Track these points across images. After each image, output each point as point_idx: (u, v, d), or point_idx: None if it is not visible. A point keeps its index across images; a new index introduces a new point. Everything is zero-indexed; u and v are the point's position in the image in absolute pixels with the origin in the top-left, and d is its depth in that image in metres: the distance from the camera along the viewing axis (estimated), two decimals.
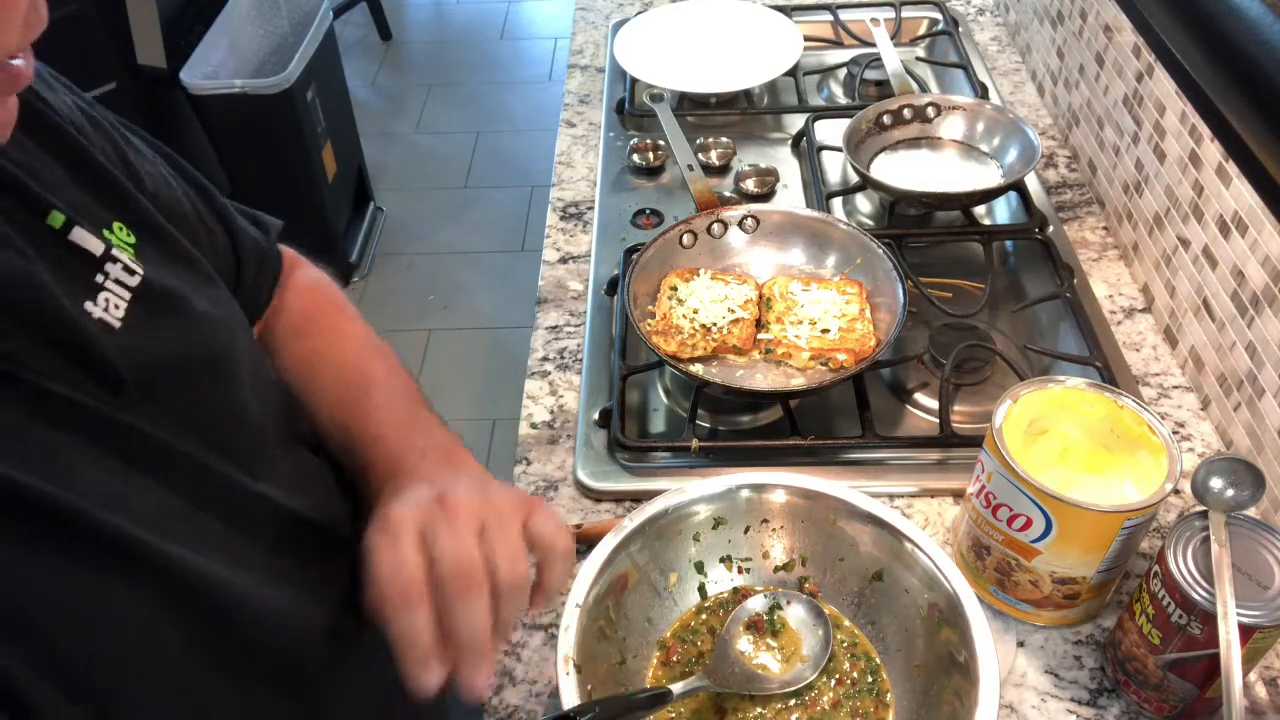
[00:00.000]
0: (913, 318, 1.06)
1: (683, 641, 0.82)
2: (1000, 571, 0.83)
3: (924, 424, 1.04)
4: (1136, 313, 1.14)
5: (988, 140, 1.28)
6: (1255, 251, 0.92)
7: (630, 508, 0.86)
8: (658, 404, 1.08)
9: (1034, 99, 1.48)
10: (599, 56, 1.61)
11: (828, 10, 1.60)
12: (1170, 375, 1.07)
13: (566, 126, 1.46)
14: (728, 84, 1.43)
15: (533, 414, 1.06)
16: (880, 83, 1.45)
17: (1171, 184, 1.08)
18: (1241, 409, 0.96)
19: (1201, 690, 0.74)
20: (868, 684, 0.79)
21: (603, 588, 0.77)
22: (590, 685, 0.72)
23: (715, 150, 1.37)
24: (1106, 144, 1.24)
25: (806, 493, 0.83)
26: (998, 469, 0.78)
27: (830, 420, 1.04)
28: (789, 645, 0.81)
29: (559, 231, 1.28)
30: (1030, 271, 1.19)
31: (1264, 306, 0.91)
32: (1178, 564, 0.71)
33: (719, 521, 0.84)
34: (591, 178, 1.36)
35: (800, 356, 1.01)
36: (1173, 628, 0.72)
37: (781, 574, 0.85)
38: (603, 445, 1.00)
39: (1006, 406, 0.81)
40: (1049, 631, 0.85)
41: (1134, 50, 1.16)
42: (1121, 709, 0.80)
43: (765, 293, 1.08)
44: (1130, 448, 0.79)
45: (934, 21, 1.61)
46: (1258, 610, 0.68)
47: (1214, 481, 0.75)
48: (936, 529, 0.93)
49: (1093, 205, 1.28)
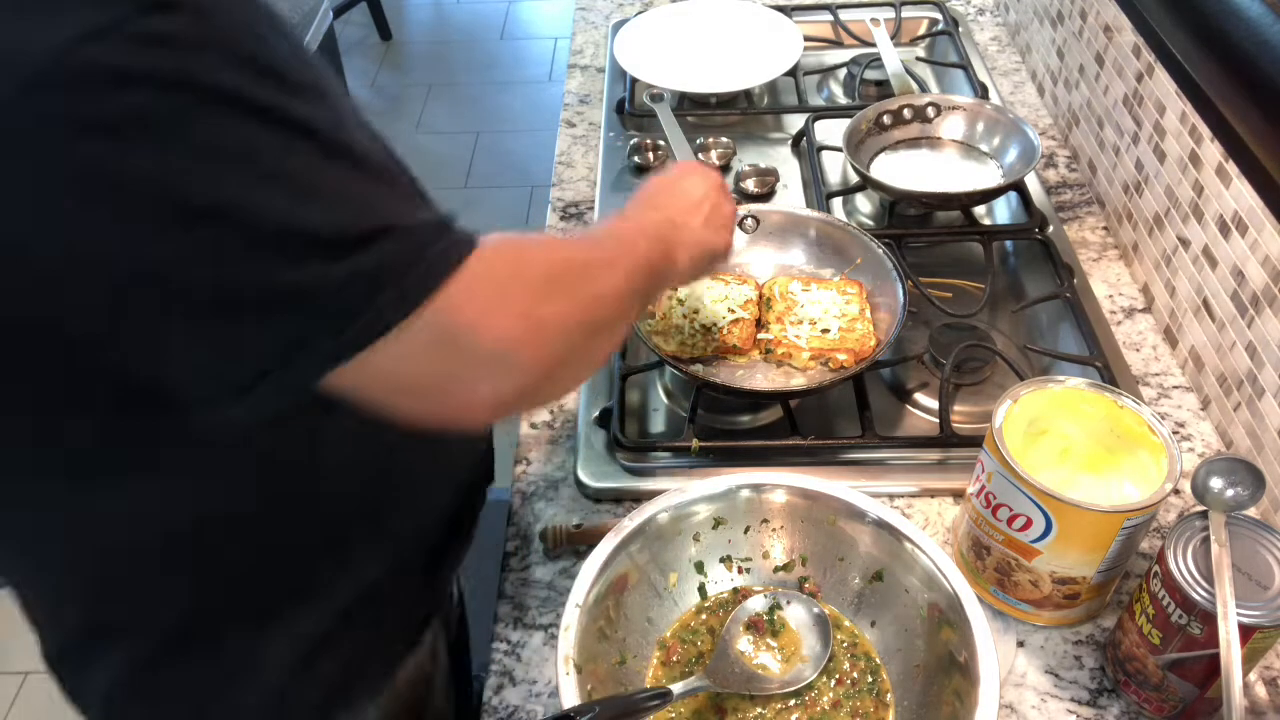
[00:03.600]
0: (913, 318, 1.06)
1: (683, 641, 0.82)
2: (1000, 571, 0.83)
3: (924, 424, 1.04)
4: (1136, 313, 1.14)
5: (988, 140, 1.28)
6: (1255, 251, 0.92)
7: (630, 508, 0.86)
8: (658, 404, 1.08)
9: (1034, 99, 1.48)
10: (599, 56, 1.61)
11: (828, 10, 1.60)
12: (1170, 375, 1.07)
13: (566, 126, 1.46)
14: (728, 84, 1.43)
15: (533, 414, 1.06)
16: (880, 83, 1.45)
17: (1171, 184, 1.08)
18: (1241, 409, 0.96)
19: (1201, 690, 0.74)
20: (868, 684, 0.79)
21: (603, 588, 0.77)
22: (590, 685, 0.72)
23: (715, 150, 1.37)
24: (1106, 144, 1.24)
25: (806, 493, 0.83)
26: (998, 469, 0.78)
27: (830, 420, 1.04)
28: (789, 645, 0.81)
29: (559, 231, 1.28)
30: (1030, 271, 1.19)
31: (1264, 306, 0.91)
32: (1178, 564, 0.71)
33: (719, 521, 0.84)
34: (591, 178, 1.36)
35: (800, 356, 1.01)
36: (1173, 628, 0.72)
37: (781, 574, 0.85)
38: (603, 445, 1.00)
39: (1006, 406, 0.81)
40: (1049, 631, 0.85)
41: (1134, 50, 1.16)
42: (1121, 709, 0.80)
43: (765, 293, 1.08)
44: (1130, 448, 0.79)
45: (934, 21, 1.61)
46: (1258, 610, 0.68)
47: (1214, 481, 0.75)
48: (936, 529, 0.93)
49: (1093, 205, 1.28)
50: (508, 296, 0.57)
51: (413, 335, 0.53)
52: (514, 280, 0.58)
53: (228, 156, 0.48)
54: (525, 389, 0.58)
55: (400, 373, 0.55)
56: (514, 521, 0.96)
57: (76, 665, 0.76)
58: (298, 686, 0.76)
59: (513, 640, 0.87)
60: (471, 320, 0.55)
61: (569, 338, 0.60)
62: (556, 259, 0.64)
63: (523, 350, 0.57)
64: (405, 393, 0.57)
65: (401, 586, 0.82)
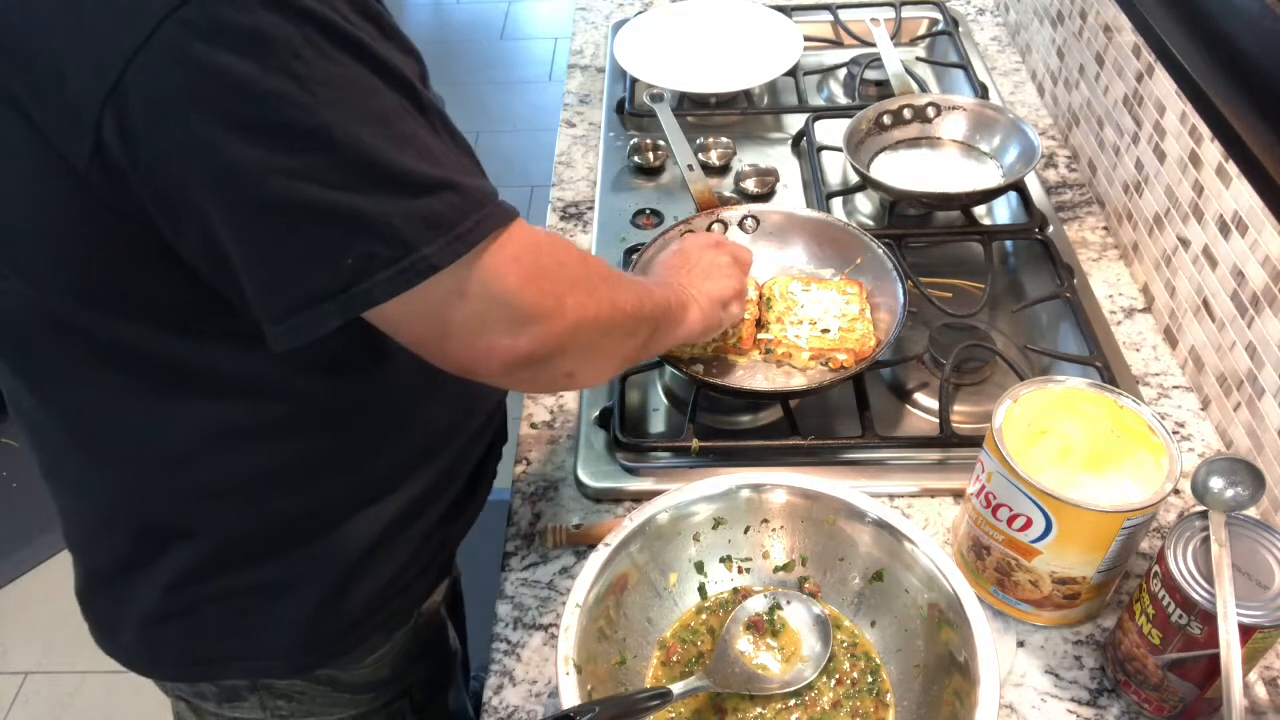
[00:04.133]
0: (913, 318, 1.06)
1: (683, 641, 0.82)
2: (1000, 571, 0.83)
3: (924, 424, 1.04)
4: (1136, 313, 1.14)
5: (988, 140, 1.28)
6: (1255, 251, 0.92)
7: (630, 508, 0.86)
8: (658, 404, 1.08)
9: (1034, 99, 1.48)
10: (599, 56, 1.61)
11: (828, 10, 1.60)
12: (1170, 375, 1.07)
13: (566, 126, 1.46)
14: (728, 84, 1.43)
15: (533, 414, 1.06)
16: (880, 83, 1.45)
17: (1171, 184, 1.08)
18: (1241, 409, 0.96)
19: (1201, 690, 0.74)
20: (868, 684, 0.79)
21: (603, 588, 0.77)
22: (590, 685, 0.72)
23: (715, 150, 1.37)
24: (1106, 144, 1.24)
25: (806, 493, 0.83)
26: (998, 469, 0.78)
27: (830, 420, 1.04)
28: (789, 645, 0.81)
29: (559, 232, 1.28)
30: (1030, 271, 1.19)
31: (1264, 306, 0.91)
32: (1178, 564, 0.71)
33: (719, 521, 0.84)
34: (591, 178, 1.36)
35: (800, 356, 1.01)
36: (1173, 628, 0.72)
37: (781, 574, 0.85)
38: (603, 445, 1.00)
39: (1006, 406, 0.81)
40: (1049, 631, 0.85)
41: (1134, 50, 1.16)
42: (1121, 709, 0.80)
43: (765, 293, 1.08)
44: (1130, 448, 0.79)
45: (934, 21, 1.61)
46: (1258, 610, 0.68)
47: (1214, 481, 0.75)
48: (936, 529, 0.93)
49: (1093, 205, 1.28)
50: (542, 273, 0.65)
51: (457, 281, 0.60)
52: (549, 262, 0.66)
53: (336, 88, 0.54)
54: (536, 354, 0.65)
55: (438, 313, 0.61)
56: (514, 521, 0.96)
57: (120, 587, 0.80)
58: (333, 605, 0.80)
59: (513, 640, 0.87)
60: (510, 283, 0.62)
61: (582, 325, 0.68)
62: (583, 262, 0.72)
63: (544, 320, 0.65)
64: (438, 332, 0.63)
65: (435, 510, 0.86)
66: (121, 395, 0.69)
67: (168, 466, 0.73)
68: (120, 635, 0.83)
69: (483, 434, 0.91)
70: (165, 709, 0.95)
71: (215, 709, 0.88)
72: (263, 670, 0.83)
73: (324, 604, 0.80)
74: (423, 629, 0.93)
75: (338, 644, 0.84)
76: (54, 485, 0.80)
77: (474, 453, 0.91)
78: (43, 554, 2.12)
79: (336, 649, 0.84)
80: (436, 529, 0.87)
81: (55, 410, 0.73)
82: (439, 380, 0.71)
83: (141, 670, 0.85)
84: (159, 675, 0.87)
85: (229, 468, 0.73)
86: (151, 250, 0.60)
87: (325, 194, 0.55)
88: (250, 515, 0.76)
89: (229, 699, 0.86)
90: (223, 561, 0.77)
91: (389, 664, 0.90)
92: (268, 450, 0.73)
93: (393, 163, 0.56)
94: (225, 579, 0.78)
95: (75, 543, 0.83)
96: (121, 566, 0.79)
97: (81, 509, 0.80)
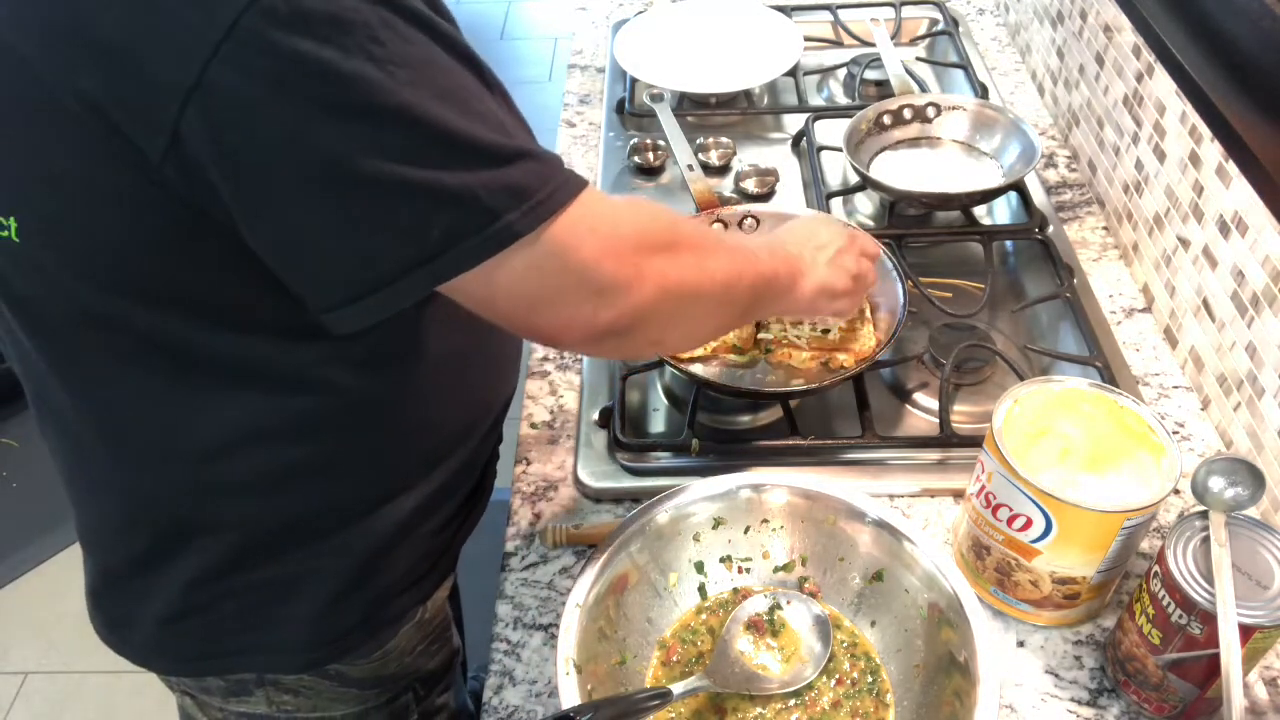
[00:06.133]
0: (913, 318, 1.06)
1: (683, 641, 0.82)
2: (1000, 571, 0.83)
3: (924, 424, 1.04)
4: (1136, 313, 1.14)
5: (988, 140, 1.28)
6: (1255, 251, 0.92)
7: (630, 508, 0.86)
8: (658, 404, 1.08)
9: (1034, 99, 1.48)
10: (599, 56, 1.61)
11: (828, 10, 1.60)
12: (1170, 375, 1.07)
13: (566, 126, 1.46)
14: (728, 84, 1.43)
15: (533, 414, 1.06)
16: (880, 83, 1.45)
17: (1171, 184, 1.08)
18: (1241, 409, 0.96)
19: (1201, 690, 0.74)
20: (868, 684, 0.79)
21: (603, 588, 0.77)
22: (590, 685, 0.72)
23: (715, 150, 1.37)
24: (1106, 144, 1.24)
25: (806, 493, 0.83)
26: (998, 469, 0.78)
27: (830, 420, 1.04)
28: (789, 645, 0.81)
29: None
30: (1030, 271, 1.19)
31: (1264, 306, 0.91)
32: (1178, 564, 0.71)
33: (719, 521, 0.84)
34: (591, 178, 1.36)
35: (800, 356, 1.01)
36: (1173, 628, 0.72)
37: (781, 574, 0.85)
38: (603, 445, 1.00)
39: (1006, 406, 0.81)
40: (1049, 631, 0.85)
41: (1134, 50, 1.16)
42: (1121, 709, 0.80)
43: None
44: (1130, 448, 0.79)
45: (934, 21, 1.61)
46: (1258, 610, 0.68)
47: (1214, 481, 0.75)
48: (936, 529, 0.93)
49: (1093, 205, 1.28)
50: (620, 242, 0.66)
51: (537, 249, 0.61)
52: (628, 230, 0.67)
53: (413, 67, 0.56)
54: (617, 325, 0.66)
55: (520, 282, 0.63)
56: (514, 521, 0.96)
57: (137, 584, 0.80)
58: (347, 600, 0.81)
59: (513, 640, 0.87)
60: (586, 255, 0.63)
61: (666, 294, 0.68)
62: (671, 228, 0.71)
63: (623, 291, 0.65)
64: (523, 305, 0.64)
65: (447, 507, 0.87)
66: (158, 391, 0.70)
67: (197, 462, 0.73)
68: (131, 632, 0.83)
69: (491, 433, 0.92)
70: (165, 708, 0.95)
71: (221, 703, 0.88)
72: (275, 665, 0.84)
73: (339, 599, 0.81)
74: (428, 625, 0.94)
75: (349, 639, 0.84)
76: (73, 482, 0.80)
77: (483, 451, 0.91)
78: (43, 554, 2.12)
79: (348, 644, 0.84)
80: (446, 526, 0.88)
81: (86, 406, 0.73)
82: (461, 379, 0.71)
83: (151, 666, 0.85)
84: (169, 671, 0.87)
85: (258, 463, 0.73)
86: (210, 244, 0.61)
87: (410, 171, 0.56)
88: (275, 510, 0.76)
89: (235, 693, 0.86)
90: (244, 557, 0.77)
91: (396, 659, 0.90)
92: (298, 445, 0.73)
93: (471, 136, 0.58)
94: (246, 575, 0.78)
95: (90, 540, 0.82)
96: (141, 563, 0.79)
97: (102, 506, 0.80)
